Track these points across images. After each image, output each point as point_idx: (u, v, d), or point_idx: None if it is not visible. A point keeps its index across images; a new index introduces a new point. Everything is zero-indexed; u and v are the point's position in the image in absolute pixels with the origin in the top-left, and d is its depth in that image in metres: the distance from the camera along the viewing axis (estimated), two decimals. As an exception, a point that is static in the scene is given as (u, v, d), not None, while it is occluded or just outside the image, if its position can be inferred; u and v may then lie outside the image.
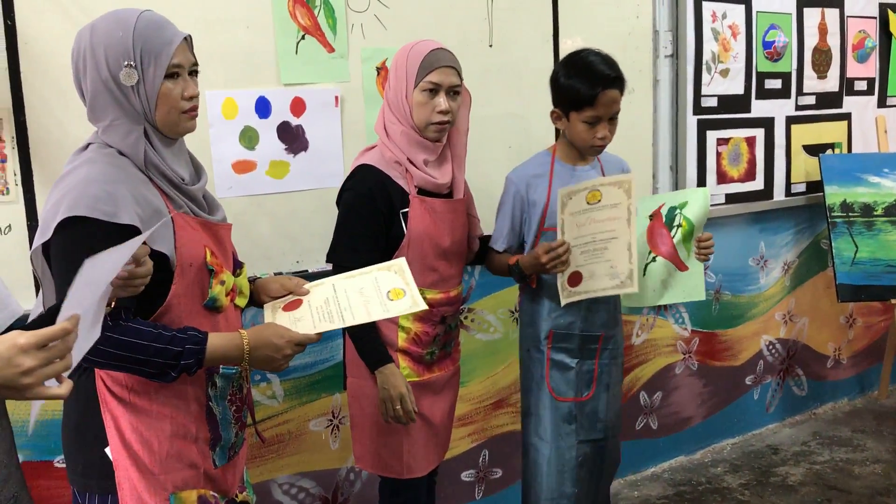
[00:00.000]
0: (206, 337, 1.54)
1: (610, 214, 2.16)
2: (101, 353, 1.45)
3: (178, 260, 1.54)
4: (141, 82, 1.53)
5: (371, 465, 2.25)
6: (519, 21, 2.92)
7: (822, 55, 3.86)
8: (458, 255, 2.27)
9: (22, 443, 2.23)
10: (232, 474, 1.71)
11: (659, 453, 3.63)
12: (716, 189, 3.54)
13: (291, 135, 2.50)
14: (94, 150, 1.56)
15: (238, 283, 1.71)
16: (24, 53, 2.09)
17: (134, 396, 1.56)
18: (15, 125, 2.10)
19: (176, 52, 1.54)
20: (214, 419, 1.64)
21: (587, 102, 2.20)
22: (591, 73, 2.21)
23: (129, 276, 1.35)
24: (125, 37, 1.50)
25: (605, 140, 2.27)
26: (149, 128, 1.57)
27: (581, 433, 2.37)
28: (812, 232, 4.04)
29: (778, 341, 4.00)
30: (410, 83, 2.11)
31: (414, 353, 2.18)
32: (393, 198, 2.12)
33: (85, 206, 1.44)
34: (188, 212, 1.60)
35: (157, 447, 1.56)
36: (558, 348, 2.36)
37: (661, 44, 3.33)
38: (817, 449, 3.78)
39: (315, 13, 2.50)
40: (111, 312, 1.46)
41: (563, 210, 2.18)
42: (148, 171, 1.55)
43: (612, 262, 2.18)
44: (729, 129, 3.56)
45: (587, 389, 2.38)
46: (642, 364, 3.52)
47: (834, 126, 3.97)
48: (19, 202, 2.12)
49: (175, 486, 1.58)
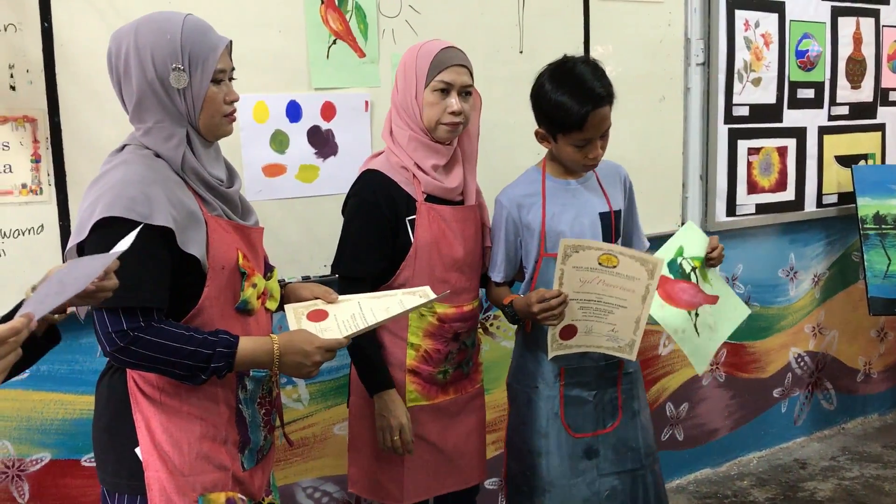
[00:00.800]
0: (237, 340, 1.54)
1: (624, 285, 1.98)
2: (132, 354, 1.47)
3: (210, 263, 1.55)
4: (189, 86, 1.55)
5: (367, 491, 2.14)
6: (550, 28, 2.91)
7: (856, 65, 3.81)
8: (472, 267, 2.15)
9: (50, 441, 2.26)
10: (259, 477, 1.71)
11: (684, 465, 3.60)
12: (746, 199, 3.50)
13: (321, 139, 2.50)
14: (131, 151, 1.57)
15: (269, 287, 1.71)
16: (59, 56, 2.11)
17: (165, 397, 1.57)
18: (49, 126, 2.12)
19: (220, 57, 1.57)
20: (244, 422, 1.65)
21: (575, 126, 2.01)
22: (580, 91, 2.01)
23: (96, 288, 1.34)
24: (173, 39, 1.52)
25: (597, 159, 2.09)
26: (190, 130, 1.59)
27: (605, 466, 2.18)
28: (843, 244, 3.98)
29: (807, 354, 3.95)
30: (421, 83, 2.01)
31: (424, 373, 2.08)
32: (398, 204, 2.02)
33: (121, 206, 1.45)
34: (221, 215, 1.61)
35: (187, 448, 1.57)
36: (572, 383, 2.16)
37: (693, 52, 3.31)
38: (846, 464, 3.72)
39: (347, 18, 2.51)
40: (143, 311, 1.47)
41: (565, 261, 1.95)
42: (184, 174, 1.57)
43: (614, 327, 2.03)
44: (760, 139, 3.52)
45: (612, 419, 2.20)
46: (669, 375, 3.49)
47: (867, 137, 3.91)
48: (52, 202, 2.14)
49: (204, 488, 1.58)
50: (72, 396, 2.27)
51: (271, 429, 1.74)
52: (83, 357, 2.27)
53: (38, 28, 2.09)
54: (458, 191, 2.11)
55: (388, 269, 2.04)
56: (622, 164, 2.31)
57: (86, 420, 2.28)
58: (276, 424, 1.77)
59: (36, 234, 2.13)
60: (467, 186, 2.13)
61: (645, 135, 3.20)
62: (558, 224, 2.12)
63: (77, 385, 2.27)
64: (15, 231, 2.11)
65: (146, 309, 1.48)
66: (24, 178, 2.11)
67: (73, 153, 2.15)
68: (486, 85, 2.67)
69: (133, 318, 1.47)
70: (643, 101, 3.19)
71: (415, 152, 2.04)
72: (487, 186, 2.26)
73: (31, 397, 2.22)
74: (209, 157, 1.62)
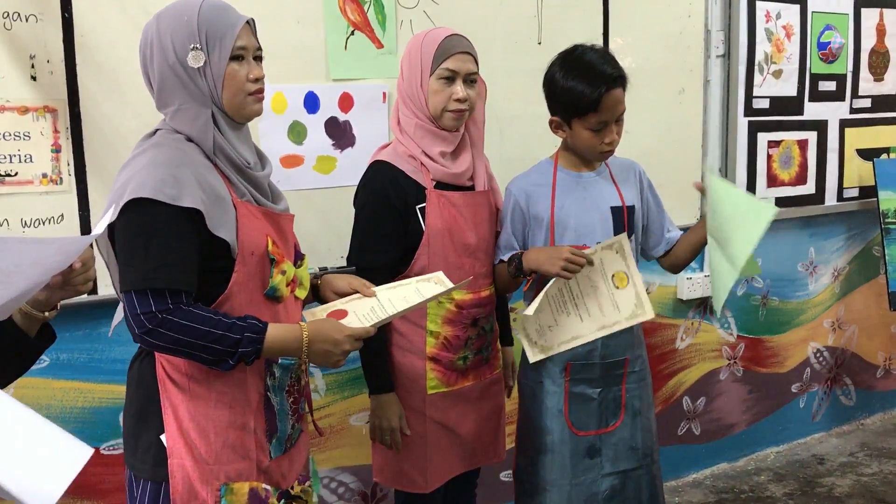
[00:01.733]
0: (266, 326, 1.54)
1: (613, 300, 2.09)
2: (160, 336, 1.47)
3: (239, 248, 1.55)
4: (207, 64, 1.55)
5: (391, 480, 2.15)
6: (569, 19, 2.90)
7: (879, 57, 3.77)
8: (486, 252, 2.15)
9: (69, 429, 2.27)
10: (287, 466, 1.70)
11: (701, 459, 3.58)
12: (766, 192, 3.48)
13: (339, 130, 2.50)
14: (162, 135, 1.58)
15: (298, 275, 1.70)
16: (80, 46, 2.13)
17: (193, 384, 1.56)
18: (70, 116, 2.14)
19: (240, 34, 1.57)
20: (272, 410, 1.64)
21: (591, 108, 2.00)
22: (592, 73, 2.00)
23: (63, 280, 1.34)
24: (190, 21, 1.54)
25: (614, 144, 2.08)
26: (216, 111, 1.58)
27: (607, 465, 2.17)
28: (864, 238, 3.94)
29: (826, 349, 3.92)
30: (426, 71, 2.01)
31: (444, 360, 2.09)
32: (407, 193, 2.02)
33: (150, 188, 1.45)
34: (251, 200, 1.61)
35: (214, 437, 1.56)
36: (578, 380, 2.15)
37: (713, 44, 3.28)
38: (865, 460, 3.69)
39: (365, 9, 2.51)
40: (171, 293, 1.47)
41: (603, 248, 2.06)
42: (215, 157, 1.57)
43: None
44: (781, 132, 3.49)
45: (614, 419, 2.17)
46: (686, 369, 3.47)
47: (890, 130, 3.86)
48: (72, 192, 2.16)
49: (227, 477, 1.58)
50: (91, 385, 2.29)
51: (299, 417, 1.73)
52: (102, 346, 2.29)
53: (58, 19, 2.10)
54: (467, 175, 2.11)
55: (403, 258, 2.04)
56: (641, 155, 2.30)
57: (105, 408, 2.31)
58: (304, 412, 1.76)
59: (56, 224, 2.15)
60: (476, 171, 2.14)
61: (664, 127, 3.18)
62: (567, 217, 2.11)
63: (97, 374, 2.29)
64: (35, 220, 2.12)
65: (175, 291, 1.48)
66: (45, 167, 2.12)
67: (93, 143, 2.17)
68: (505, 76, 2.67)
69: (161, 299, 1.47)
70: (663, 93, 3.17)
71: (421, 140, 2.05)
72: (505, 178, 2.25)
73: (52, 385, 2.24)
74: (238, 140, 1.62)
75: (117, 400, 2.32)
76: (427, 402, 2.10)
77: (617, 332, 2.13)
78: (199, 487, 1.55)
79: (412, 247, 2.04)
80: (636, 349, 2.22)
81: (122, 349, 2.31)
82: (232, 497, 1.57)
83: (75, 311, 2.15)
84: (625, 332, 2.16)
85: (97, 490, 2.33)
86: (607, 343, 2.14)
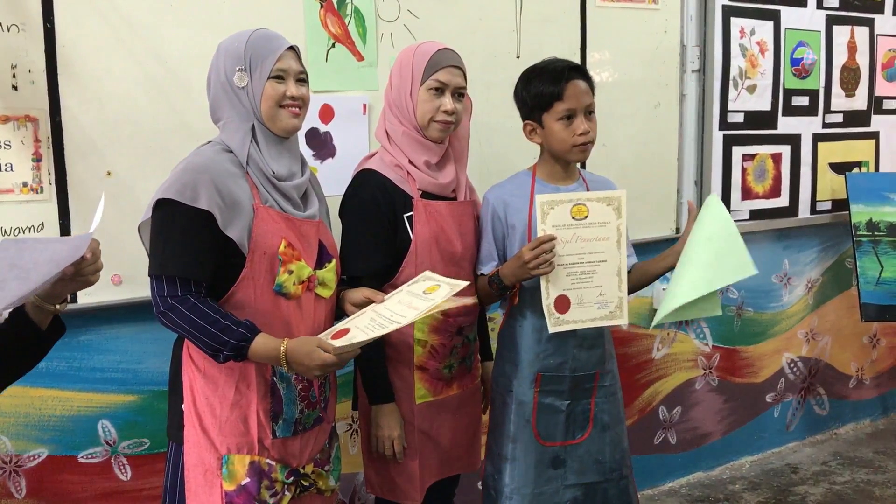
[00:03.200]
0: (254, 336, 1.71)
1: (598, 234, 2.04)
2: (169, 319, 1.70)
3: (251, 247, 1.74)
4: (249, 84, 1.78)
5: (384, 492, 2.16)
6: (547, 34, 2.94)
7: (850, 73, 3.85)
8: (471, 262, 2.19)
9: (47, 437, 2.28)
10: (298, 447, 1.87)
11: (677, 468, 3.62)
12: (740, 205, 3.53)
13: (319, 141, 2.53)
14: (208, 145, 1.82)
15: (321, 276, 1.86)
16: (61, 56, 2.14)
17: (207, 365, 1.78)
18: (51, 126, 2.15)
19: (281, 58, 1.80)
20: (278, 395, 1.82)
21: (555, 97, 2.07)
22: (550, 68, 2.11)
23: (75, 271, 1.47)
24: (239, 47, 1.80)
25: (588, 136, 2.09)
26: (257, 125, 1.81)
27: (571, 477, 2.19)
28: (837, 250, 4.01)
29: (800, 359, 3.98)
30: (416, 81, 2.05)
31: (431, 369, 2.12)
32: (396, 202, 2.05)
33: (175, 191, 1.69)
34: (274, 206, 1.80)
35: (220, 412, 1.77)
36: (547, 391, 2.17)
37: (689, 59, 3.34)
38: (838, 469, 3.74)
39: (346, 22, 2.53)
40: (182, 281, 1.69)
41: (545, 220, 2.01)
42: (248, 166, 1.78)
43: (601, 289, 2.06)
44: (755, 146, 3.55)
45: (581, 431, 2.20)
46: (662, 378, 3.52)
47: (861, 144, 3.94)
48: (52, 201, 2.17)
49: (229, 449, 1.77)
50: (70, 393, 2.29)
51: (311, 404, 1.88)
52: (82, 354, 2.30)
53: (40, 28, 2.11)
54: (452, 187, 2.15)
55: (391, 266, 2.06)
56: (618, 168, 2.35)
57: (84, 417, 2.31)
58: (316, 399, 1.89)
59: (36, 233, 2.15)
60: (459, 183, 2.18)
61: (641, 140, 3.23)
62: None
63: (75, 382, 2.29)
64: (15, 229, 2.13)
65: (185, 280, 1.70)
66: (25, 176, 2.13)
67: (73, 153, 2.18)
68: (484, 89, 2.70)
69: (172, 286, 1.70)
70: (639, 107, 3.22)
71: (408, 148, 2.08)
72: (483, 190, 2.27)
73: (29, 393, 2.24)
74: (274, 152, 1.82)
75: (95, 408, 2.33)
76: (415, 413, 2.12)
77: (588, 345, 2.17)
78: (205, 454, 1.77)
79: (400, 256, 2.06)
80: (607, 364, 2.24)
81: (102, 357, 2.32)
82: (232, 467, 1.77)
83: (54, 320, 2.15)
84: (596, 347, 2.20)
85: (76, 499, 2.33)
86: (578, 356, 2.17)
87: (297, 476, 1.86)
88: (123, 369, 2.36)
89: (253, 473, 1.78)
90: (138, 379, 2.38)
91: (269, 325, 1.76)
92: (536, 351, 2.17)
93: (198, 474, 1.77)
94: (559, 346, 2.16)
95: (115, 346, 2.34)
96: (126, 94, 2.23)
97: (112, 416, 2.36)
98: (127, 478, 2.39)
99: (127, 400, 2.37)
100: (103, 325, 2.32)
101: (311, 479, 1.90)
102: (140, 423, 2.39)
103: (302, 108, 1.83)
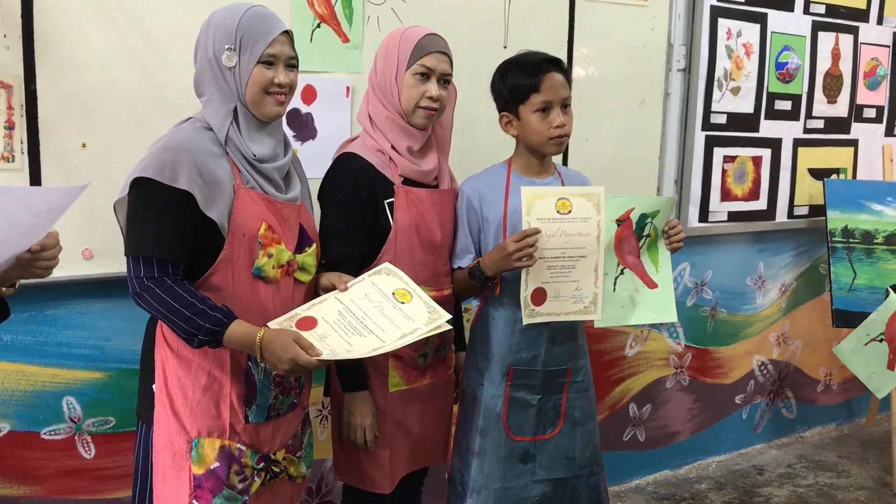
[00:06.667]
0: (230, 322, 1.67)
1: (580, 229, 2.03)
2: (145, 300, 1.67)
3: (230, 228, 1.70)
4: (238, 65, 1.73)
5: (354, 480, 2.14)
6: (535, 24, 2.92)
7: (833, 80, 3.87)
8: (450, 251, 2.18)
9: (9, 412, 2.23)
10: (270, 433, 1.84)
11: (644, 466, 3.63)
12: (719, 206, 3.54)
13: (301, 122, 2.49)
14: (189, 122, 1.76)
15: (300, 260, 1.83)
16: (39, 22, 2.08)
17: (181, 347, 1.74)
18: (25, 94, 2.09)
19: (273, 43, 1.73)
20: (252, 380, 1.79)
21: (532, 88, 2.06)
22: (528, 60, 2.10)
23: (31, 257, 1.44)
24: (231, 24, 1.72)
25: (563, 129, 2.09)
26: (240, 107, 1.76)
27: (540, 472, 2.19)
28: (811, 255, 4.04)
29: (770, 362, 4.01)
30: (402, 65, 2.02)
31: (406, 357, 2.09)
32: (377, 187, 2.02)
33: (153, 169, 1.64)
34: (255, 187, 1.75)
35: (191, 395, 1.74)
36: (518, 385, 2.16)
37: (675, 57, 3.33)
38: (802, 472, 3.78)
39: (332, 2, 2.50)
40: (158, 262, 1.66)
41: (530, 212, 1.98)
42: (227, 146, 1.73)
43: (578, 284, 2.06)
44: (736, 148, 3.56)
45: (552, 426, 2.19)
46: (634, 376, 3.52)
47: (840, 151, 3.97)
48: (24, 171, 2.11)
49: (199, 433, 1.74)
50: (34, 368, 2.25)
51: (285, 390, 1.85)
52: (48, 329, 2.25)
53: (18, -7, 2.06)
54: (433, 174, 2.12)
55: (373, 251, 2.04)
56: (600, 164, 2.34)
57: (48, 392, 2.27)
58: (291, 385, 1.86)
59: (6, 202, 2.10)
60: (441, 171, 2.16)
61: (623, 138, 3.22)
62: (518, 221, 2.06)
63: (40, 357, 2.25)
64: (-16, 198, 2.07)
65: (162, 260, 1.66)
66: (-3, 144, 2.08)
67: (48, 122, 2.13)
68: (469, 79, 2.67)
69: (149, 267, 1.66)
70: (623, 103, 3.21)
71: (390, 133, 2.05)
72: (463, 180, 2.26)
73: (-7, 367, 2.20)
74: (254, 134, 1.77)
75: (60, 384, 2.29)
76: (388, 401, 2.10)
77: (561, 340, 2.15)
78: (175, 437, 1.74)
79: (379, 241, 2.03)
80: (580, 359, 2.24)
81: (69, 333, 2.28)
82: (202, 450, 1.74)
83: (21, 293, 2.09)
84: (569, 342, 2.19)
85: (37, 476, 2.29)
86: (551, 351, 2.16)
87: (268, 462, 1.84)
88: (91, 346, 2.31)
89: (223, 458, 1.75)
90: (106, 356, 2.34)
91: (247, 309, 1.73)
92: (509, 344, 2.15)
93: (166, 456, 1.74)
94: (532, 339, 2.15)
95: (84, 322, 2.30)
96: (104, 64, 2.18)
97: (77, 393, 2.31)
98: (90, 456, 2.35)
99: (93, 377, 2.33)
100: (72, 299, 2.27)
101: (282, 466, 1.87)
102: (106, 400, 2.35)
103: (288, 95, 1.79)
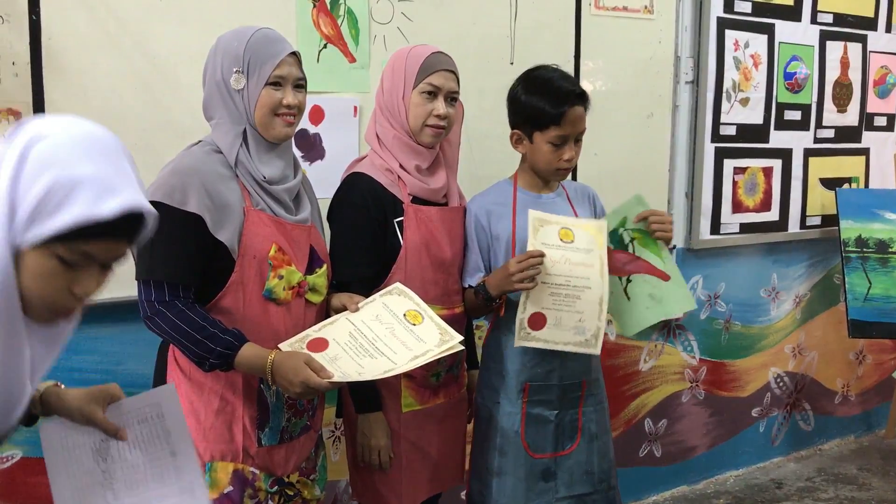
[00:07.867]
0: (241, 346, 1.67)
1: (584, 261, 2.01)
2: (156, 324, 1.68)
3: (241, 250, 1.71)
4: (246, 88, 1.73)
5: (370, 501, 2.13)
6: (541, 40, 2.92)
7: (842, 89, 3.85)
8: (460, 269, 2.16)
9: (21, 438, 2.23)
10: (284, 456, 1.82)
11: (661, 482, 3.59)
12: (730, 218, 3.52)
13: (309, 143, 2.49)
14: (199, 146, 1.77)
15: (311, 281, 1.82)
16: (46, 49, 2.09)
17: (193, 370, 1.74)
18: (34, 120, 2.10)
19: (281, 64, 1.74)
20: (265, 402, 1.78)
21: (553, 121, 2.04)
22: (556, 89, 2.06)
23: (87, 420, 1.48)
24: (239, 47, 1.73)
25: (571, 162, 2.11)
26: (249, 130, 1.76)
27: (562, 489, 2.15)
28: (825, 266, 4.01)
29: (786, 374, 3.97)
30: (409, 84, 2.01)
31: (418, 377, 2.06)
32: (386, 206, 2.01)
33: (162, 192, 1.65)
34: (265, 209, 1.75)
35: (204, 419, 1.73)
36: (535, 401, 2.13)
37: (682, 70, 3.32)
38: (822, 485, 3.73)
39: (338, 23, 2.50)
40: (169, 286, 1.66)
41: (535, 235, 1.99)
42: (236, 168, 1.74)
43: (581, 316, 2.01)
44: (746, 159, 3.54)
45: (570, 442, 2.16)
46: (649, 391, 3.49)
47: (852, 160, 3.95)
48: (34, 197, 2.11)
49: (213, 457, 1.74)
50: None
51: (298, 412, 1.84)
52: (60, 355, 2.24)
53: (25, 21, 2.06)
54: (442, 192, 2.11)
55: (383, 270, 2.02)
56: (609, 177, 2.33)
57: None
58: (304, 408, 1.85)
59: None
60: (450, 189, 2.15)
61: (632, 151, 3.21)
62: (527, 239, 2.07)
63: (52, 382, 2.24)
64: (-6, 224, 2.08)
65: (172, 284, 1.67)
66: (6, 171, 2.08)
67: (56, 148, 2.13)
68: (476, 95, 2.68)
69: (160, 291, 1.67)
70: (632, 116, 3.20)
71: (398, 152, 2.04)
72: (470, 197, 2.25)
73: (5, 394, 2.19)
74: (264, 156, 1.78)
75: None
76: (402, 422, 2.08)
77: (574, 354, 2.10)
78: None
79: (389, 261, 2.02)
80: (593, 373, 2.22)
81: (80, 358, 2.27)
82: (215, 474, 1.73)
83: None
84: (582, 355, 2.14)
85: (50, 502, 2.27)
86: (565, 365, 2.14)
87: (282, 485, 1.82)
88: (102, 370, 2.30)
89: (236, 482, 1.74)
90: (117, 381, 2.25)
91: (258, 331, 1.72)
92: (523, 360, 2.13)
93: None
94: (546, 354, 2.12)
95: (95, 347, 2.29)
96: (112, 90, 2.19)
97: (89, 418, 2.30)
98: (103, 481, 2.34)
99: (105, 402, 2.32)
100: (83, 324, 2.22)
101: (295, 489, 1.86)
102: (118, 425, 2.33)
103: (297, 116, 1.79)
